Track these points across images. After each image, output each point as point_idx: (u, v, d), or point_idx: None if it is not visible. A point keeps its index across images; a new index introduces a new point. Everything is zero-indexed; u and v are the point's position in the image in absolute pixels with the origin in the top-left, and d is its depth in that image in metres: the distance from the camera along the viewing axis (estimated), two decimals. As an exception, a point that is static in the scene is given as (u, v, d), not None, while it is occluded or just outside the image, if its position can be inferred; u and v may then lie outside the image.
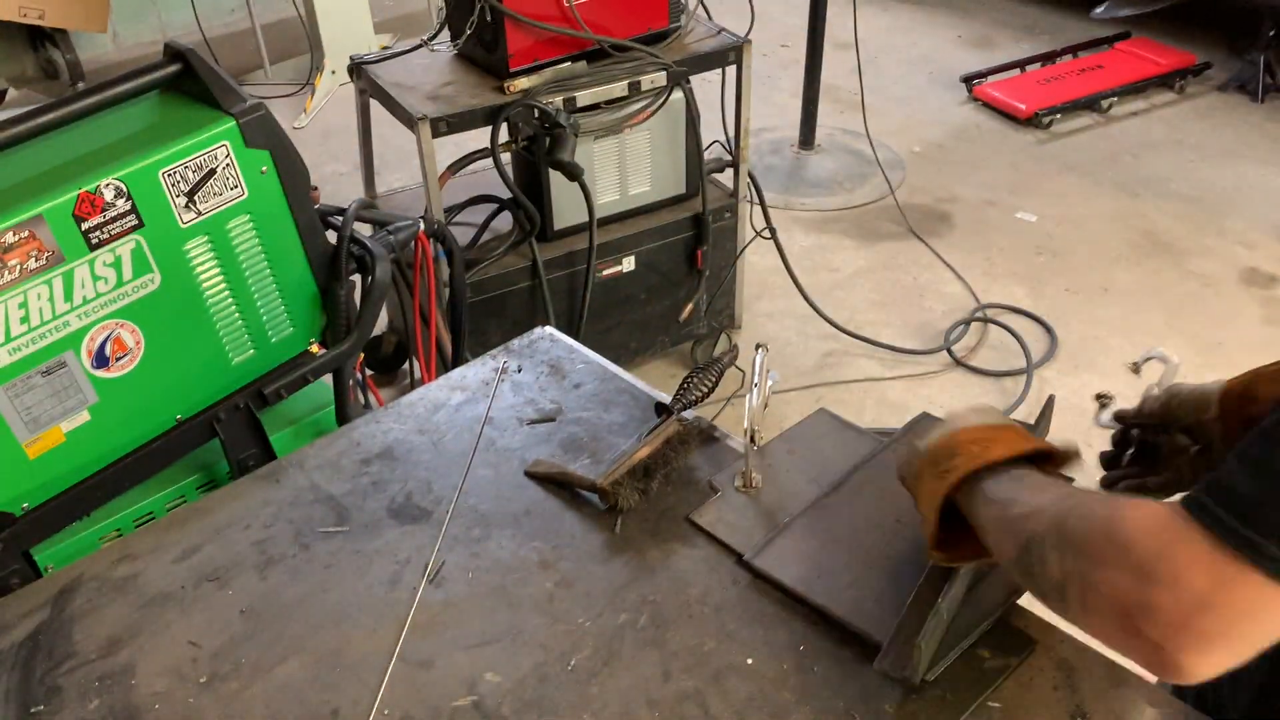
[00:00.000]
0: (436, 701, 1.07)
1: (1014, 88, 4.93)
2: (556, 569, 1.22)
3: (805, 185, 4.35)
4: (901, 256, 3.91)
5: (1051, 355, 3.36)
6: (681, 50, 2.83)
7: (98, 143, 1.52)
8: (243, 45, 5.56)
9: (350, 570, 1.24)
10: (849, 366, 3.37)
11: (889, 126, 4.75)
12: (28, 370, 1.44)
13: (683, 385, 1.40)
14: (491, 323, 2.86)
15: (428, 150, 2.57)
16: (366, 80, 2.83)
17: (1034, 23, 5.83)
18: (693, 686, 1.07)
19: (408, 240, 2.01)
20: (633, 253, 2.99)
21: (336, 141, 4.76)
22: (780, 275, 3.42)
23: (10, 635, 1.19)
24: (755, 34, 2.99)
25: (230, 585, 1.23)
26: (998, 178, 4.40)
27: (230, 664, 1.13)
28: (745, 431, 1.28)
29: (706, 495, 1.31)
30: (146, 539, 1.31)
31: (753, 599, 1.16)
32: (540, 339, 1.63)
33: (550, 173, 2.73)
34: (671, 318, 3.18)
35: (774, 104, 4.99)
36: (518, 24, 2.57)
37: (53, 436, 1.50)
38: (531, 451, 1.41)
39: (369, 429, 1.47)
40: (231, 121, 1.56)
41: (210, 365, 1.66)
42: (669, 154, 2.96)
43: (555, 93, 2.63)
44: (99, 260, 1.47)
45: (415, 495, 1.34)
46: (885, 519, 1.23)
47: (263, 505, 1.35)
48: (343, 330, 1.80)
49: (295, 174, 1.66)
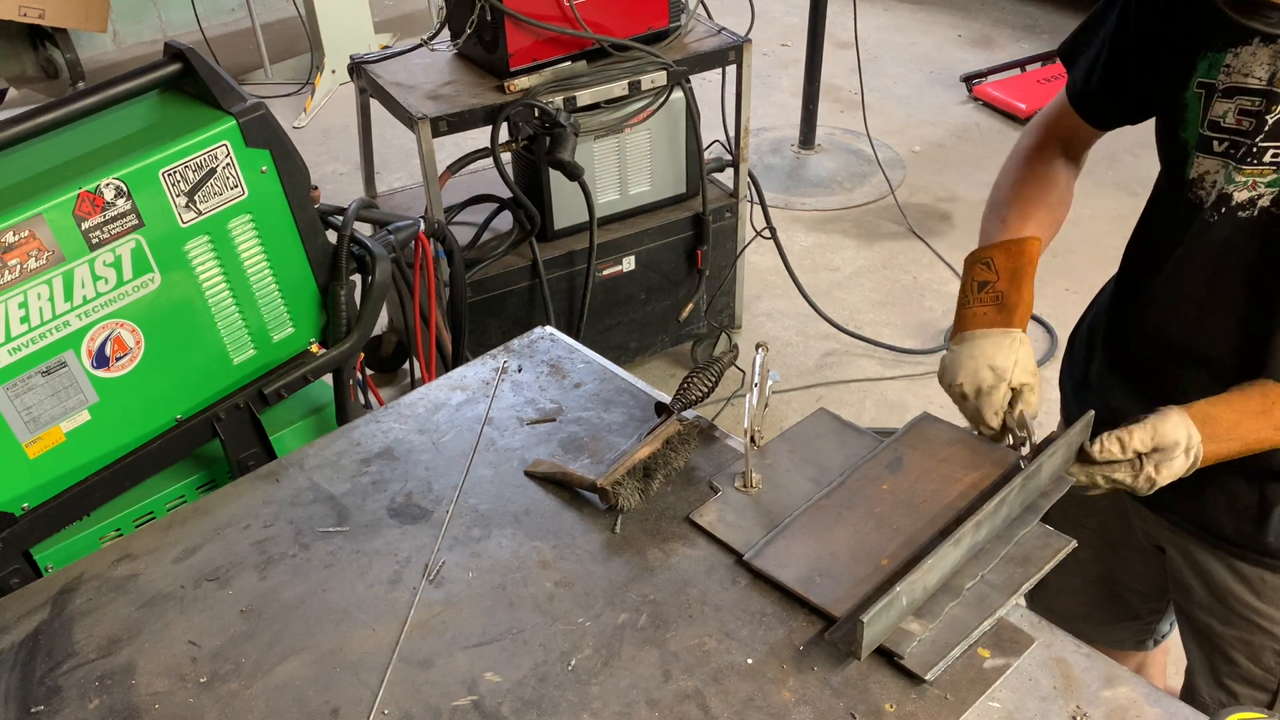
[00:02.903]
0: (436, 701, 1.07)
1: (1014, 87, 4.93)
2: (556, 569, 1.22)
3: (805, 185, 4.35)
4: (901, 256, 3.91)
5: (1051, 355, 3.36)
6: (681, 50, 2.83)
7: (98, 142, 1.52)
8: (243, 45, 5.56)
9: (350, 570, 1.24)
10: (849, 366, 3.37)
11: (889, 126, 4.75)
12: (28, 370, 1.44)
13: (683, 385, 1.40)
14: (491, 322, 2.86)
15: (428, 150, 2.57)
16: (366, 80, 2.83)
17: (1034, 22, 5.83)
18: (693, 686, 1.07)
19: (408, 240, 2.01)
20: (633, 252, 2.99)
21: (336, 141, 4.76)
22: (780, 275, 3.42)
23: (10, 635, 1.19)
24: (755, 33, 2.99)
25: (230, 585, 1.23)
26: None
27: (230, 664, 1.13)
28: (745, 431, 1.28)
29: (706, 495, 1.31)
30: (146, 539, 1.32)
31: (753, 599, 1.16)
32: (540, 339, 1.63)
33: (550, 172, 2.73)
34: (671, 318, 3.18)
35: (774, 103, 4.99)
36: (518, 23, 2.57)
37: (53, 436, 1.50)
38: (531, 451, 1.41)
39: (369, 429, 1.47)
40: (232, 121, 1.56)
41: (210, 365, 1.66)
42: (669, 154, 2.96)
43: (555, 92, 2.63)
44: (99, 260, 1.46)
45: (415, 495, 1.34)
46: (885, 519, 1.23)
47: (263, 505, 1.35)
48: (343, 330, 1.80)
49: (295, 174, 1.66)
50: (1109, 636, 1.72)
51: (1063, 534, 1.20)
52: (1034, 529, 1.21)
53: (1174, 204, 1.29)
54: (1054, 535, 1.20)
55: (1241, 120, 1.18)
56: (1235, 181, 1.19)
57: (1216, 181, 1.22)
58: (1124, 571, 1.63)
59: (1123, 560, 1.61)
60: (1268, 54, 1.15)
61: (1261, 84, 1.15)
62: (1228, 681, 1.46)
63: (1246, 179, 1.18)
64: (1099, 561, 1.62)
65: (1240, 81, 1.17)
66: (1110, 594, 1.67)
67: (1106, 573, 1.64)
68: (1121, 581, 1.64)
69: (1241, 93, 1.17)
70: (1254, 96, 1.16)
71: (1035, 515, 1.22)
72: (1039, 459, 1.21)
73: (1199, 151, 1.23)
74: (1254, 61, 1.16)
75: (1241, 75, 1.17)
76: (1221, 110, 1.19)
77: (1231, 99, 1.18)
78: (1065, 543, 1.19)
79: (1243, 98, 1.17)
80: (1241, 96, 1.17)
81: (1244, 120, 1.18)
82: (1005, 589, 1.13)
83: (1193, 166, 1.24)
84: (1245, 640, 1.41)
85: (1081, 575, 1.65)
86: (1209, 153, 1.22)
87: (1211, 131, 1.21)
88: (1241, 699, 1.45)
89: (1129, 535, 1.55)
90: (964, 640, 1.08)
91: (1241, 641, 1.42)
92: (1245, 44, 1.17)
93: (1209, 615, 1.44)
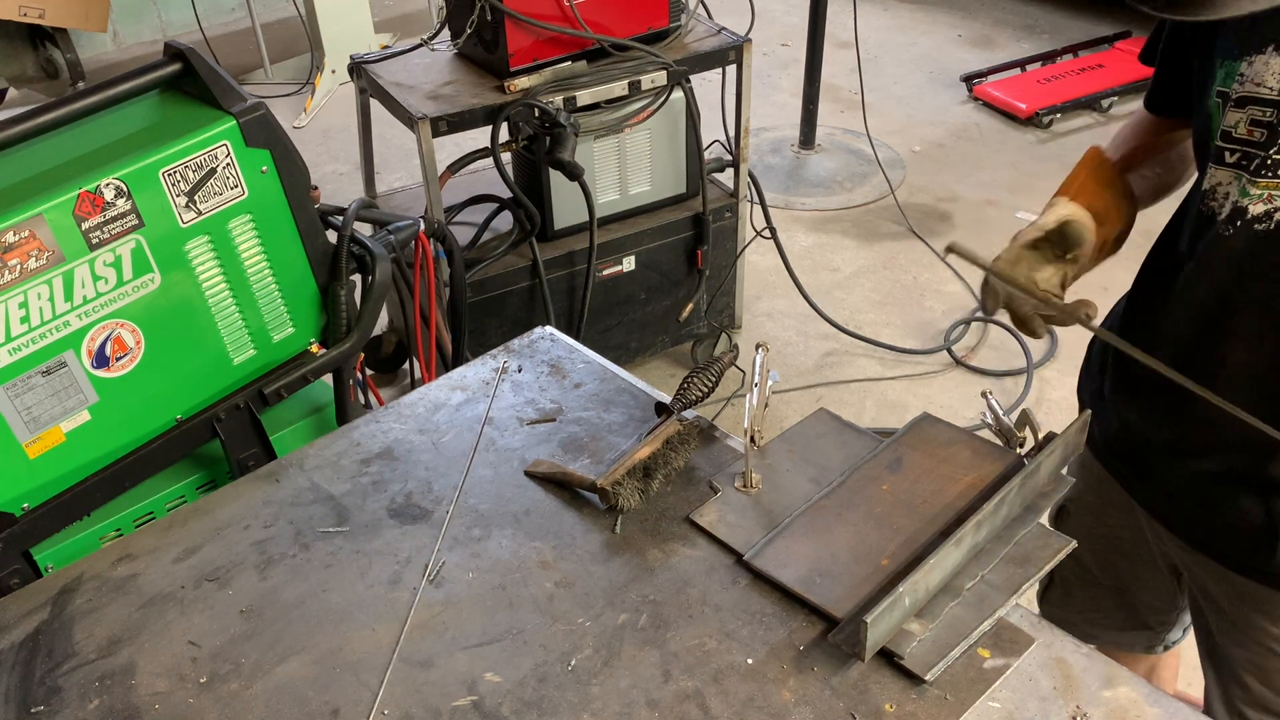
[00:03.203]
0: (436, 701, 1.07)
1: (1014, 87, 4.92)
2: (556, 569, 1.22)
3: (805, 185, 4.35)
4: (901, 256, 3.91)
5: (1052, 355, 3.36)
6: (682, 49, 2.83)
7: (98, 142, 1.52)
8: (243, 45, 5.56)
9: (350, 570, 1.24)
10: (849, 366, 3.37)
11: (889, 126, 4.75)
12: (28, 370, 1.44)
13: (683, 385, 1.40)
14: (491, 322, 2.86)
15: (428, 150, 2.57)
16: (366, 80, 2.83)
17: (1034, 22, 5.83)
18: (693, 686, 1.07)
19: (408, 240, 2.01)
20: (633, 252, 2.99)
21: (336, 141, 4.76)
22: (780, 275, 3.42)
23: (10, 635, 1.19)
24: (755, 33, 2.99)
25: (230, 585, 1.23)
26: (998, 177, 4.40)
27: (230, 664, 1.13)
28: (745, 431, 1.28)
29: (706, 495, 1.31)
30: (146, 539, 1.32)
31: (753, 599, 1.16)
32: (540, 339, 1.63)
33: (550, 172, 2.73)
34: (671, 318, 3.18)
35: (774, 103, 4.99)
36: (518, 23, 2.57)
37: (53, 436, 1.50)
38: (531, 451, 1.41)
39: (369, 429, 1.47)
40: (232, 121, 1.56)
41: (210, 365, 1.66)
42: (669, 153, 2.96)
43: (555, 92, 2.63)
44: (99, 260, 1.46)
45: (415, 495, 1.34)
46: (885, 519, 1.23)
47: (263, 505, 1.35)
48: (343, 330, 1.80)
49: (295, 173, 1.66)
50: (1118, 640, 1.72)
51: (1062, 534, 1.20)
52: (1034, 529, 1.21)
53: (1190, 215, 1.27)
54: (1054, 535, 1.20)
55: (1253, 131, 1.15)
56: (1250, 195, 1.16)
57: (1229, 194, 1.19)
58: (1136, 584, 1.62)
59: (1135, 573, 1.60)
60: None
61: (1274, 94, 1.12)
62: (1242, 707, 1.44)
63: (1261, 191, 1.15)
64: (1108, 569, 1.62)
65: (1253, 91, 1.14)
66: (1121, 602, 1.66)
67: (1117, 581, 1.63)
68: (1132, 592, 1.63)
69: (1254, 102, 1.14)
70: (1266, 107, 1.13)
71: (1035, 515, 1.22)
72: (1038, 458, 1.21)
73: (1212, 163, 1.20)
74: (1266, 71, 1.13)
75: (1254, 85, 1.14)
76: (1234, 120, 1.17)
77: (1244, 109, 1.15)
78: (1065, 543, 1.19)
79: (1255, 108, 1.14)
80: (1254, 106, 1.14)
81: (1255, 131, 1.15)
82: (1005, 589, 1.13)
83: (1207, 177, 1.22)
84: (1258, 664, 1.39)
85: (1091, 580, 1.65)
86: (1221, 164, 1.19)
87: (1224, 142, 1.18)
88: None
89: (1142, 549, 1.53)
90: (964, 640, 1.08)
91: (1254, 665, 1.40)
92: (1259, 52, 1.13)
93: (1223, 638, 1.43)
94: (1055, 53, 5.16)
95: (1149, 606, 1.64)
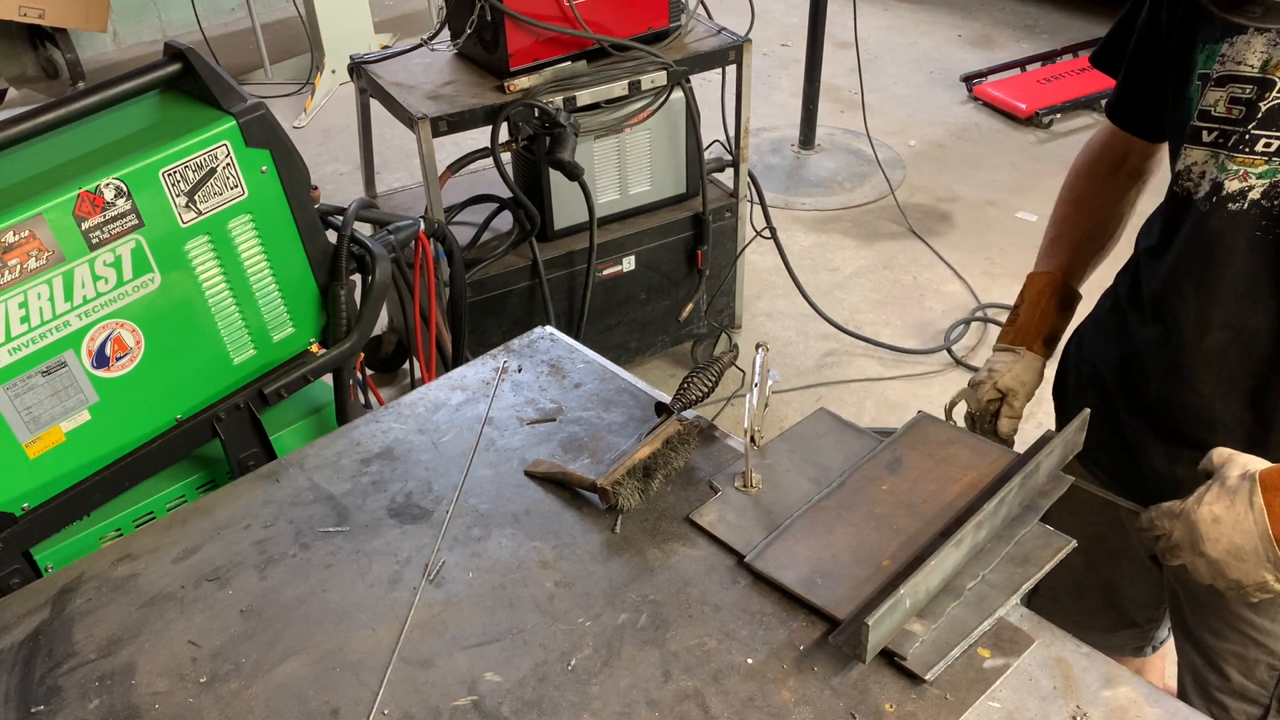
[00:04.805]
0: (436, 701, 1.07)
1: (1014, 87, 4.92)
2: (556, 569, 1.22)
3: (805, 185, 4.35)
4: (901, 256, 3.91)
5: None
6: (681, 49, 2.83)
7: (98, 142, 1.52)
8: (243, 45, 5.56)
9: (350, 570, 1.24)
10: (849, 366, 3.37)
11: (889, 126, 4.75)
12: (28, 370, 1.44)
13: (683, 385, 1.40)
14: (491, 322, 2.86)
15: (428, 150, 2.57)
16: (366, 80, 2.83)
17: (1034, 22, 5.83)
18: (693, 686, 1.07)
19: (408, 240, 2.00)
20: (633, 252, 2.99)
21: (336, 141, 4.76)
22: (780, 275, 3.42)
23: (10, 635, 1.19)
24: (755, 33, 2.99)
25: (230, 585, 1.23)
26: (998, 177, 4.40)
27: (230, 664, 1.13)
28: (745, 431, 1.28)
29: (706, 495, 1.31)
30: (146, 539, 1.32)
31: (753, 599, 1.16)
32: (540, 339, 1.63)
33: (550, 172, 2.73)
34: (671, 317, 3.18)
35: (774, 103, 4.99)
36: (518, 23, 2.57)
37: (53, 436, 1.50)
38: (531, 451, 1.41)
39: (369, 429, 1.47)
40: (232, 121, 1.56)
41: (210, 365, 1.66)
42: (669, 153, 2.96)
43: (555, 92, 2.63)
44: (99, 260, 1.46)
45: (415, 495, 1.34)
46: (885, 519, 1.23)
47: (263, 505, 1.35)
48: (343, 330, 1.80)
49: (295, 173, 1.66)
50: (1107, 643, 1.71)
51: (1062, 534, 1.20)
52: (1034, 529, 1.21)
53: (1170, 197, 1.30)
54: (1054, 535, 1.20)
55: (1232, 109, 1.18)
56: (1228, 170, 1.19)
57: (1206, 172, 1.22)
58: (1121, 580, 1.62)
59: (1119, 569, 1.60)
60: (1262, 42, 1.15)
61: (1255, 71, 1.16)
62: (1218, 695, 1.45)
63: (1238, 168, 1.18)
64: (1094, 569, 1.62)
65: (1234, 69, 1.17)
66: (1108, 602, 1.66)
67: (1103, 581, 1.64)
68: (1119, 589, 1.64)
69: (1234, 80, 1.17)
70: (1246, 84, 1.16)
71: (1035, 515, 1.22)
72: (1036, 458, 1.21)
73: (1188, 143, 1.24)
74: (1248, 49, 1.16)
75: (1235, 63, 1.17)
76: (1213, 99, 1.20)
77: (1224, 87, 1.18)
78: (1065, 542, 1.19)
79: (1235, 85, 1.17)
80: (1234, 84, 1.17)
81: (1234, 109, 1.18)
82: (1005, 589, 1.13)
83: (1181, 158, 1.25)
84: (1239, 654, 1.40)
85: (1077, 582, 1.65)
86: (1198, 143, 1.22)
87: (1201, 121, 1.21)
88: (1233, 713, 1.44)
89: (1124, 545, 1.54)
90: (964, 640, 1.08)
91: (1235, 655, 1.40)
92: (1241, 32, 1.16)
93: (1203, 628, 1.43)
94: (1055, 53, 5.16)
95: (1136, 603, 1.65)
